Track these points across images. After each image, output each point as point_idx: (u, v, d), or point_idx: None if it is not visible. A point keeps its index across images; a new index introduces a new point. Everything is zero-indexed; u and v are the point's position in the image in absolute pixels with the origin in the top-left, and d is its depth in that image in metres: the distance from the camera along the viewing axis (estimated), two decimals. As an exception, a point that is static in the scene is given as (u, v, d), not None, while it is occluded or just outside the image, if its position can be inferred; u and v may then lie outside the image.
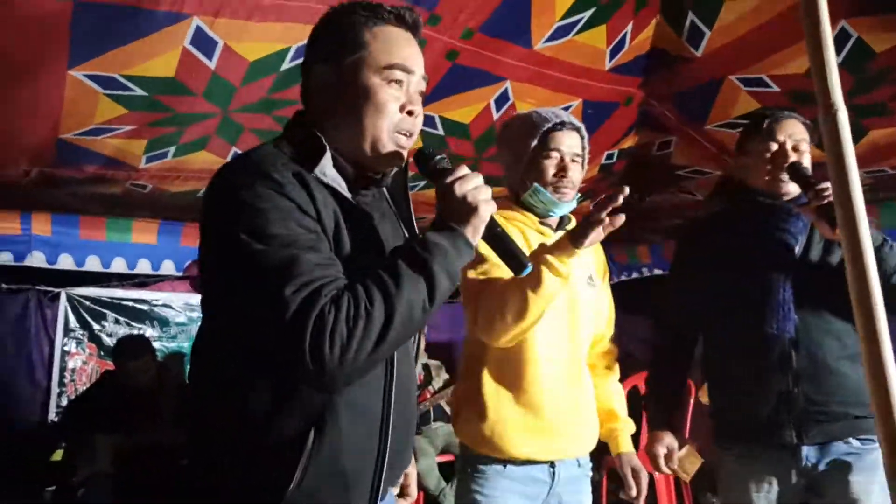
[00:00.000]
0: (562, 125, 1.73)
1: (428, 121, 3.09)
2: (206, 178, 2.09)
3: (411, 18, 1.15)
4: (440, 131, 3.16)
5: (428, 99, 2.83)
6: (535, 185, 1.72)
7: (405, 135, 1.13)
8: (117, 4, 1.94)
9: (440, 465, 3.77)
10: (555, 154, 1.72)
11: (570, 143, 1.74)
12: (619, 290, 6.39)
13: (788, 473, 1.76)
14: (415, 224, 1.24)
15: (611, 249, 6.20)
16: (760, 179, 1.86)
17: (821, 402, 1.70)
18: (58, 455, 3.34)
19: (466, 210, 1.03)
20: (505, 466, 1.67)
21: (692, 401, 3.49)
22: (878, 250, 1.67)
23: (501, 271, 1.56)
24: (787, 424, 1.73)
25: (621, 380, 1.98)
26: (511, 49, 2.64)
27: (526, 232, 1.76)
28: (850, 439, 1.72)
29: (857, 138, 2.95)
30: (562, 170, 1.71)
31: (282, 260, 0.94)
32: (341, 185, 1.08)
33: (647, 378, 2.15)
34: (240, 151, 2.32)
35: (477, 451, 1.68)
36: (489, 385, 1.68)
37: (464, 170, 1.07)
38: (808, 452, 1.74)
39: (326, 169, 1.07)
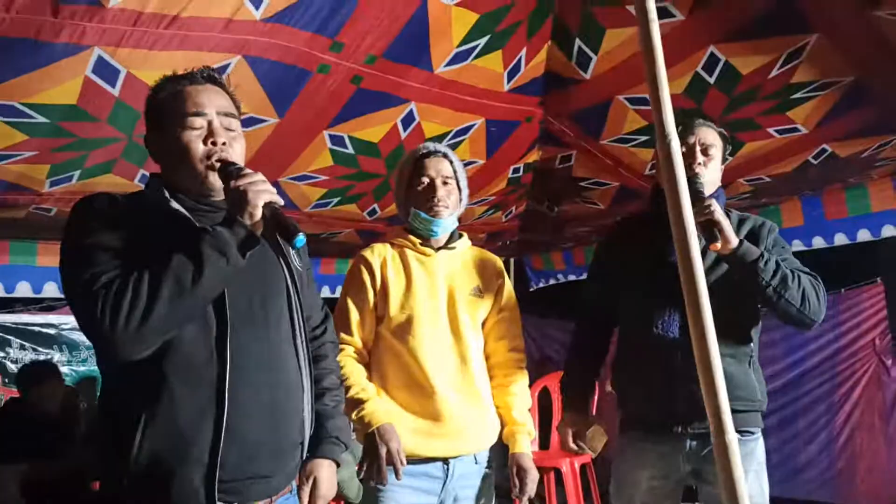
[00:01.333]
0: (430, 154, 1.96)
1: (337, 140, 3.19)
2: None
3: (202, 75, 1.43)
4: (350, 150, 3.26)
5: (335, 120, 2.98)
6: (412, 209, 1.92)
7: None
8: (14, 38, 1.96)
9: (362, 474, 3.86)
10: (425, 178, 1.93)
11: (439, 168, 1.95)
12: (537, 297, 6.60)
13: (676, 461, 1.93)
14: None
15: (529, 258, 6.46)
16: None
17: (701, 397, 1.87)
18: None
19: (239, 198, 1.26)
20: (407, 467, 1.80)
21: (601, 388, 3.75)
22: (754, 263, 1.81)
23: None
24: (674, 417, 1.90)
25: (538, 379, 2.12)
26: (413, 72, 2.78)
27: (406, 254, 1.95)
28: None
29: (735, 150, 3.25)
30: (432, 190, 1.90)
31: (82, 257, 1.24)
32: (171, 211, 1.34)
33: (564, 363, 2.30)
34: (147, 174, 2.35)
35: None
36: (382, 392, 1.84)
37: (245, 171, 1.31)
38: (692, 443, 1.92)
39: (163, 202, 1.35)
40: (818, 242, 4.12)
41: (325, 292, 4.81)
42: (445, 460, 1.86)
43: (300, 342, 1.44)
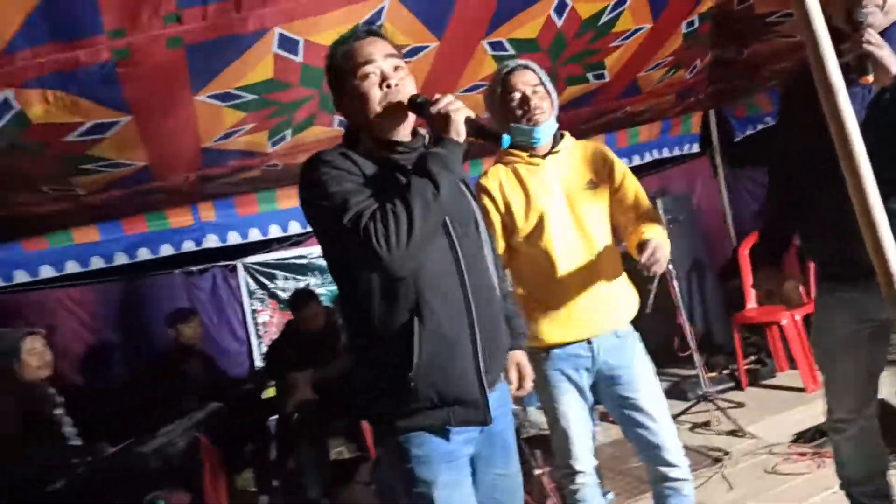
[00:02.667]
0: (513, 69, 2.04)
1: (497, 45, 3.31)
2: (323, 145, 2.54)
3: (362, 31, 1.56)
4: (511, 51, 3.36)
5: (489, 28, 3.10)
6: (512, 125, 2.02)
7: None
8: (215, 38, 2.38)
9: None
10: (516, 93, 2.01)
11: (526, 80, 2.02)
12: (746, 147, 6.14)
13: (868, 306, 1.79)
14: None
15: (730, 108, 6.05)
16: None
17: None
18: (269, 392, 4.13)
19: (443, 120, 1.42)
20: (548, 353, 2.05)
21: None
22: None
23: None
24: (859, 266, 1.74)
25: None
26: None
27: (518, 169, 2.07)
28: None
29: None
30: (525, 101, 1.99)
31: (337, 203, 1.41)
32: (372, 154, 1.52)
33: (760, 223, 2.28)
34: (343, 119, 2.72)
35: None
36: (521, 292, 2.08)
37: (436, 97, 1.45)
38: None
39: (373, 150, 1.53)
40: None
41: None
42: (588, 340, 2.04)
43: (488, 252, 1.64)
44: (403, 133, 1.55)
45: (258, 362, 4.91)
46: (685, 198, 5.66)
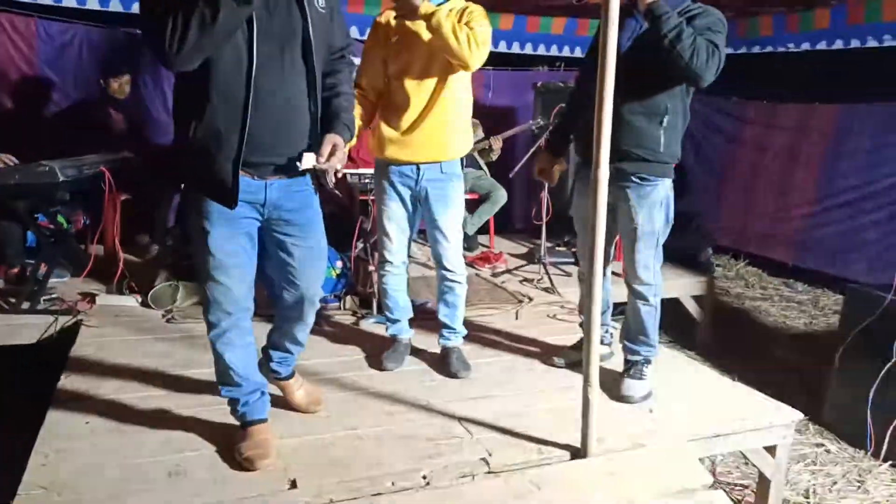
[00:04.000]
0: None
1: None
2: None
3: None
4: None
5: None
6: None
7: None
8: None
9: (467, 201, 4.77)
10: None
11: None
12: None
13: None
14: None
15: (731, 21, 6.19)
16: None
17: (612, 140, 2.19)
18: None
19: None
20: (386, 167, 2.64)
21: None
22: (659, 17, 2.22)
23: None
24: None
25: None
26: None
27: (392, 22, 2.54)
28: (633, 177, 2.46)
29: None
30: None
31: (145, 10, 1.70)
32: None
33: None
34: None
35: (376, 157, 2.69)
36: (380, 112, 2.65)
37: None
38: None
39: None
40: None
41: (354, 32, 5.17)
42: (417, 165, 2.62)
43: (314, 76, 1.92)
44: None
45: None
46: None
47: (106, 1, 4.73)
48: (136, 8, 4.78)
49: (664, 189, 2.48)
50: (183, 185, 1.96)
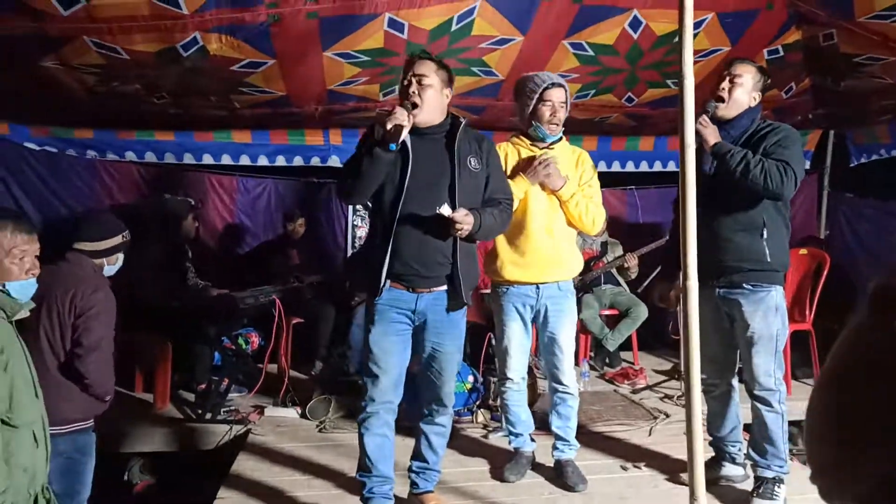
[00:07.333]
0: (552, 84, 2.68)
1: (577, 46, 3.93)
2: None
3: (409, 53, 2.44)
4: (590, 52, 3.97)
5: (569, 32, 3.72)
6: (534, 122, 2.74)
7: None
8: (341, 15, 3.25)
9: (607, 316, 4.85)
10: (548, 104, 2.70)
11: (559, 96, 2.68)
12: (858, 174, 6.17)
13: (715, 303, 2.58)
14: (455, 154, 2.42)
15: (852, 132, 6.08)
16: None
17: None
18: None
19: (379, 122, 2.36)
20: (507, 288, 2.82)
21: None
22: (723, 156, 2.39)
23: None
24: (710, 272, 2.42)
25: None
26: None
27: (520, 150, 2.82)
28: (744, 284, 2.50)
29: None
30: (554, 114, 2.68)
31: None
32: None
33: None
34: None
35: (493, 280, 2.88)
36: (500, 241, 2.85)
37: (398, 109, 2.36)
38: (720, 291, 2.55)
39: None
40: None
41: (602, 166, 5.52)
42: (537, 285, 2.78)
43: (461, 196, 2.37)
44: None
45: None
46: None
47: (291, 158, 5.67)
48: (314, 161, 5.69)
49: (777, 295, 2.48)
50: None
